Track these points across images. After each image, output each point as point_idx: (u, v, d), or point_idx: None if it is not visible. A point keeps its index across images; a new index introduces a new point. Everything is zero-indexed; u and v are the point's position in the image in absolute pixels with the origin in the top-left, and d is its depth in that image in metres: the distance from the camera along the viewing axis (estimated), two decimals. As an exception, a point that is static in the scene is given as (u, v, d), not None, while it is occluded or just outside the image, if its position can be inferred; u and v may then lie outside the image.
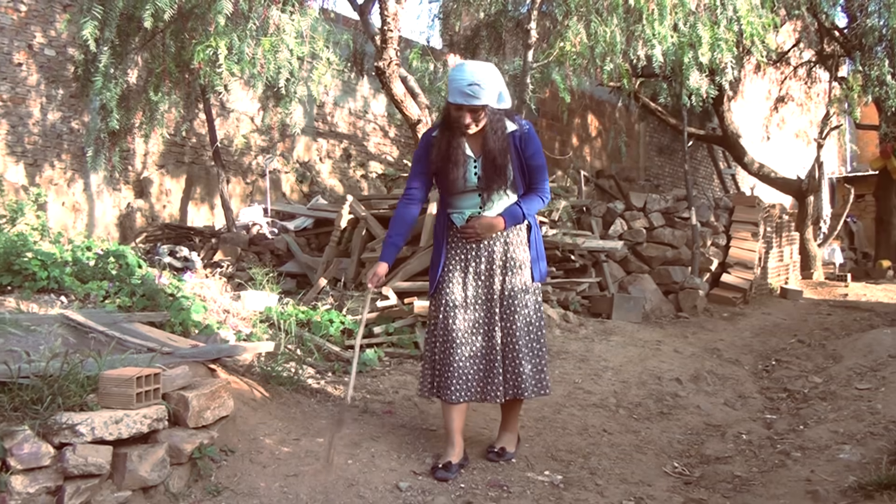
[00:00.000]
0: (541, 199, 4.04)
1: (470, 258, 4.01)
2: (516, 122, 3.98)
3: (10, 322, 4.45)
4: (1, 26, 9.64)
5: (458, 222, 4.03)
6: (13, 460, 3.00)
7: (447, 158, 3.92)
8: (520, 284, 3.98)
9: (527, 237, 4.08)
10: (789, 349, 7.75)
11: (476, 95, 3.70)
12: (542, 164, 4.01)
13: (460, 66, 3.83)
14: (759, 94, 19.15)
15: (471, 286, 4.00)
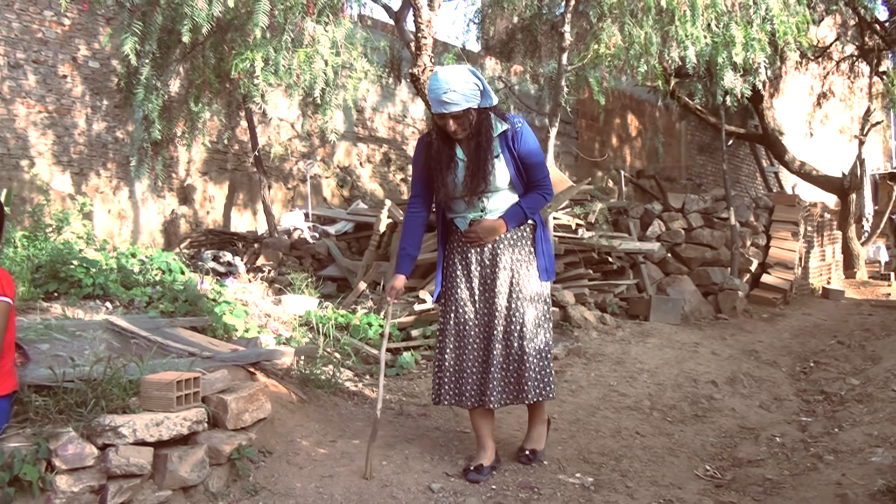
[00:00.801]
0: (542, 196, 3.96)
1: (475, 262, 3.97)
2: (508, 121, 3.92)
3: (56, 328, 4.63)
4: (46, 40, 9.90)
5: (461, 226, 4.00)
6: (58, 460, 3.13)
7: (436, 164, 3.91)
8: (526, 285, 3.91)
9: (532, 236, 4.01)
10: (828, 350, 7.70)
11: (454, 101, 3.67)
12: (538, 161, 3.94)
13: (434, 75, 3.79)
14: (801, 89, 18.92)
15: (477, 290, 3.96)
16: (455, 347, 3.97)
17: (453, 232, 4.06)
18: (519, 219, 3.91)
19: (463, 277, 3.99)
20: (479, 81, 3.80)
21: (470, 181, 3.83)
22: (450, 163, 3.88)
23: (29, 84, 9.78)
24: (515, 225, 3.92)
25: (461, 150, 3.89)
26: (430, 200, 4.12)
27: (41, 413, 3.34)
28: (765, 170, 19.71)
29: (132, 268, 6.33)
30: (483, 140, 3.81)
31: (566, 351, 6.70)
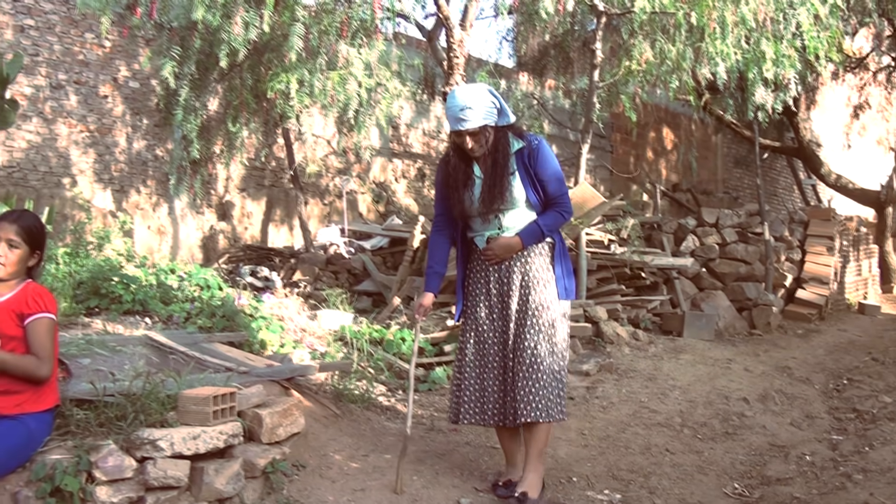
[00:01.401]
0: (560, 213, 3.93)
1: (492, 280, 3.95)
2: (525, 139, 3.93)
3: (97, 343, 4.77)
4: (87, 61, 10.17)
5: (479, 245, 3.98)
6: (98, 472, 3.23)
7: (453, 182, 3.93)
8: (543, 304, 3.86)
9: (550, 254, 3.98)
10: (862, 367, 7.65)
11: (469, 119, 3.71)
12: (556, 178, 3.94)
13: (451, 93, 3.83)
14: (838, 100, 18.75)
15: (495, 308, 3.94)
16: (475, 366, 3.97)
17: (473, 251, 4.06)
18: (536, 236, 3.90)
19: (482, 296, 3.99)
20: (497, 100, 3.83)
21: (486, 198, 3.84)
22: (466, 180, 3.90)
23: (70, 104, 10.04)
24: (532, 242, 3.90)
25: (478, 168, 3.91)
26: (453, 218, 4.12)
27: (82, 426, 3.46)
28: (802, 182, 19.55)
29: (171, 284, 6.48)
30: (500, 157, 3.83)
31: (598, 367, 6.73)
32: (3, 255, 3.16)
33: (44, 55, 9.75)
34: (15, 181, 9.46)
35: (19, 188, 9.27)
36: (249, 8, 6.23)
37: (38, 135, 9.76)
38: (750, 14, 7.29)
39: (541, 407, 3.78)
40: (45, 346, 3.18)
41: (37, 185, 9.72)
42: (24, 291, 3.23)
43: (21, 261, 3.25)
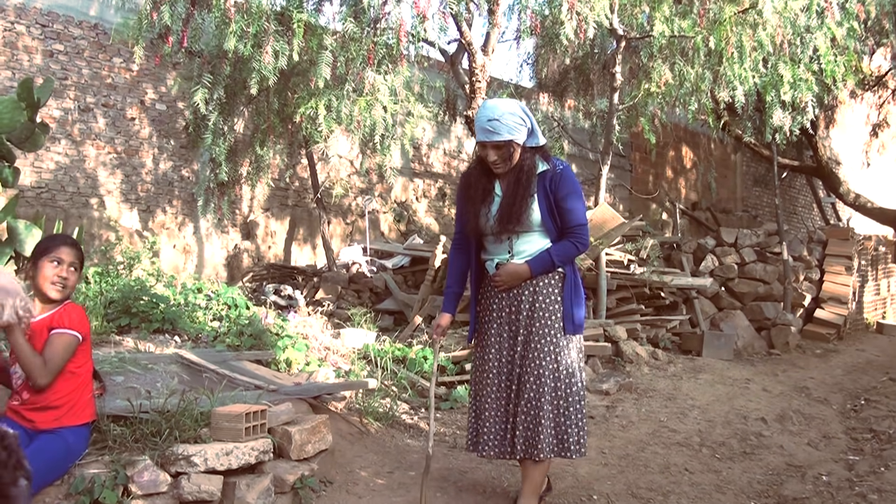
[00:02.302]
0: (574, 245, 3.77)
1: (502, 307, 3.85)
2: (550, 162, 3.80)
3: (129, 361, 4.92)
4: (115, 85, 10.38)
5: (489, 269, 3.89)
6: (134, 486, 3.37)
7: (473, 195, 3.85)
8: (548, 337, 3.74)
9: (560, 286, 3.82)
10: (880, 388, 7.69)
11: (496, 131, 3.61)
12: (576, 207, 3.78)
13: (484, 103, 3.75)
14: (857, 119, 18.75)
15: (502, 336, 3.84)
16: (481, 395, 3.90)
17: (486, 274, 3.95)
18: (546, 266, 3.75)
19: (491, 322, 3.89)
20: (528, 118, 3.74)
21: (502, 217, 3.73)
22: (486, 196, 3.80)
23: (98, 126, 10.25)
24: (541, 272, 3.76)
25: (499, 186, 3.81)
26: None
27: (118, 441, 3.59)
28: (821, 201, 19.56)
29: (199, 303, 6.63)
30: (524, 177, 3.72)
31: (617, 386, 6.82)
32: (68, 277, 3.33)
33: (72, 79, 9.96)
34: (44, 202, 9.66)
35: (48, 208, 9.47)
36: (280, 37, 6.41)
37: (66, 156, 9.96)
38: (767, 38, 7.41)
39: (554, 442, 3.73)
40: (55, 359, 3.25)
41: (65, 205, 9.92)
42: (63, 309, 3.38)
43: (76, 282, 3.43)
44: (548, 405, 3.71)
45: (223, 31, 6.73)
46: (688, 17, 7.72)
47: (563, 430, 3.74)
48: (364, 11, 6.63)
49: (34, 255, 3.41)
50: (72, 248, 3.40)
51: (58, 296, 3.35)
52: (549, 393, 3.72)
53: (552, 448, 3.72)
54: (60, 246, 3.38)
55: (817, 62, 8.23)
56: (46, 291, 3.33)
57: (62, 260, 3.35)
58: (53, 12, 9.82)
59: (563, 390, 3.75)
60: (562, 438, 3.74)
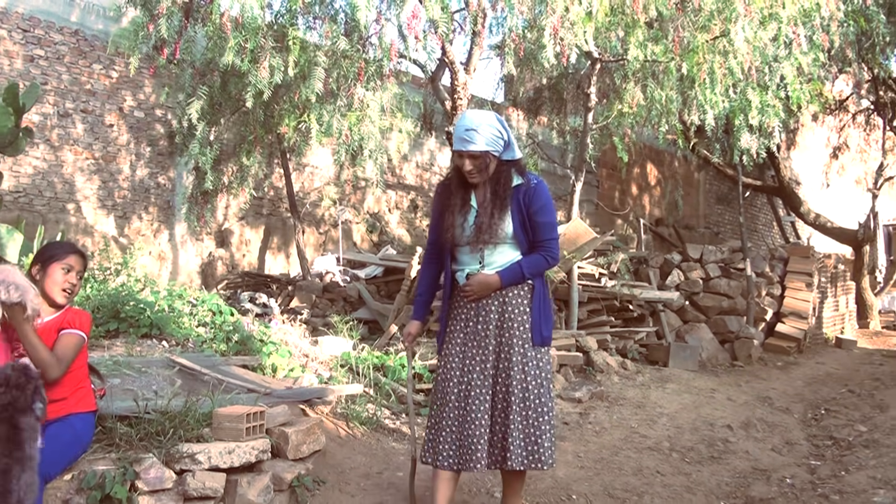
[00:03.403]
0: (545, 258, 3.80)
1: (470, 318, 3.83)
2: (525, 177, 3.82)
3: (124, 364, 5.07)
4: (94, 91, 10.47)
5: (459, 280, 3.87)
6: (141, 483, 3.54)
7: (448, 206, 3.86)
8: (516, 348, 3.75)
9: (529, 297, 3.83)
10: (839, 398, 8.03)
11: (473, 141, 3.62)
12: (548, 221, 3.81)
13: (462, 114, 3.79)
14: (818, 141, 19.31)
15: (469, 347, 3.81)
16: (439, 405, 3.84)
17: (457, 285, 3.92)
18: (516, 278, 3.76)
19: (459, 333, 3.86)
20: (505, 131, 3.75)
21: (478, 229, 3.74)
22: (462, 206, 3.80)
23: (77, 132, 10.33)
24: (511, 283, 3.77)
25: (475, 198, 3.80)
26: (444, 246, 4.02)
27: (125, 440, 3.75)
28: (781, 219, 20.06)
29: (183, 308, 6.76)
30: (500, 189, 3.74)
31: (589, 394, 7.08)
32: (76, 284, 3.48)
33: (52, 84, 10.04)
34: (21, 206, 9.71)
35: (25, 213, 9.51)
36: (276, 54, 6.60)
37: (44, 161, 10.03)
38: (737, 66, 7.74)
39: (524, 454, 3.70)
40: (67, 355, 3.40)
41: (42, 210, 9.97)
42: (66, 312, 3.53)
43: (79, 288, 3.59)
44: (517, 416, 3.69)
45: (217, 44, 6.92)
46: (660, 43, 8.02)
47: (532, 440, 3.71)
48: (355, 30, 6.86)
49: (43, 259, 3.54)
50: (80, 258, 3.56)
51: (64, 301, 3.50)
52: (519, 404, 3.70)
53: (522, 460, 3.69)
54: (71, 254, 3.53)
55: (784, 89, 8.60)
56: (54, 296, 3.48)
57: (72, 268, 3.50)
58: (35, 17, 9.89)
59: (531, 401, 3.73)
60: (532, 450, 3.71)
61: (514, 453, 3.67)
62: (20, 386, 2.99)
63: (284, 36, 6.72)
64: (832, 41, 8.83)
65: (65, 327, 3.44)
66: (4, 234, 6.43)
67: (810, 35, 8.34)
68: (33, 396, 3.02)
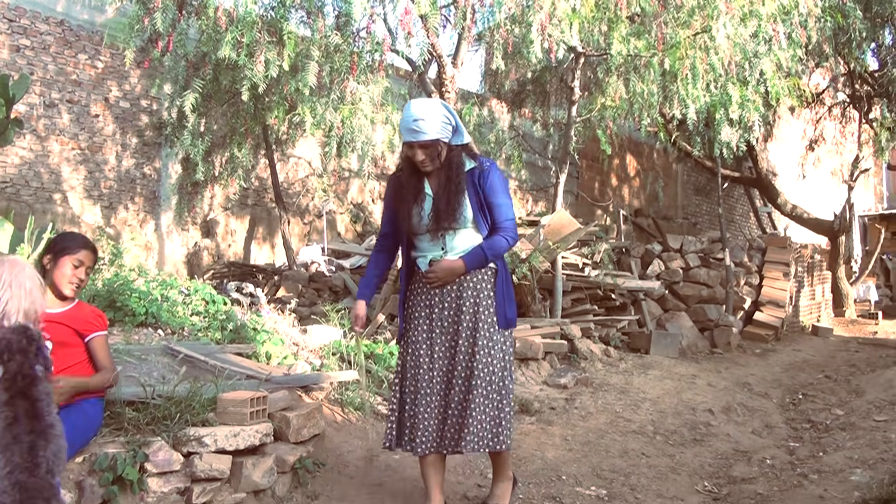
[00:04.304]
0: (505, 239, 3.83)
1: (434, 303, 3.85)
2: (477, 160, 3.88)
3: (124, 352, 5.18)
4: (80, 81, 10.53)
5: (422, 266, 3.89)
6: (150, 465, 3.66)
7: (399, 197, 3.88)
8: (482, 331, 3.78)
9: (493, 280, 3.88)
10: (816, 384, 8.28)
11: (422, 130, 3.64)
12: (504, 202, 3.85)
13: (407, 105, 3.77)
14: (794, 133, 19.57)
15: (435, 332, 3.84)
16: (410, 391, 3.87)
17: (416, 272, 3.96)
18: (479, 261, 3.80)
19: (421, 319, 3.89)
20: (452, 117, 3.77)
21: (436, 215, 3.78)
22: (417, 196, 3.82)
23: (63, 122, 10.39)
24: (475, 267, 3.80)
25: (429, 185, 3.84)
26: (398, 238, 4.05)
27: (133, 424, 3.88)
28: (758, 210, 20.34)
29: (177, 298, 6.87)
30: (453, 174, 3.76)
31: (574, 380, 7.27)
32: (84, 279, 3.57)
33: (38, 74, 10.09)
34: (7, 196, 9.76)
35: (12, 203, 9.56)
36: (271, 48, 6.72)
37: (31, 151, 10.08)
38: (718, 62, 7.94)
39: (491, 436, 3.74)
40: (108, 357, 3.59)
41: (29, 200, 10.03)
42: (79, 309, 3.62)
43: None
44: (481, 398, 3.71)
45: (211, 37, 7.04)
46: (643, 38, 8.20)
47: (496, 423, 3.75)
48: (348, 25, 6.99)
49: (55, 250, 3.63)
50: (92, 253, 3.63)
51: (72, 295, 3.59)
52: (484, 387, 3.72)
53: (486, 442, 3.72)
54: (83, 249, 3.60)
55: (763, 84, 8.82)
56: (62, 288, 3.57)
57: (82, 263, 3.57)
58: (21, 7, 9.93)
59: (495, 384, 3.76)
60: (496, 432, 3.75)
61: (478, 436, 3.68)
62: (23, 350, 3.02)
63: (279, 30, 6.85)
64: (810, 36, 9.06)
65: (86, 331, 3.54)
66: (-6, 225, 6.46)
67: (789, 32, 8.56)
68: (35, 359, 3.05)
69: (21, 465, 2.82)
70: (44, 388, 3.02)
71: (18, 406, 2.94)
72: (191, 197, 9.63)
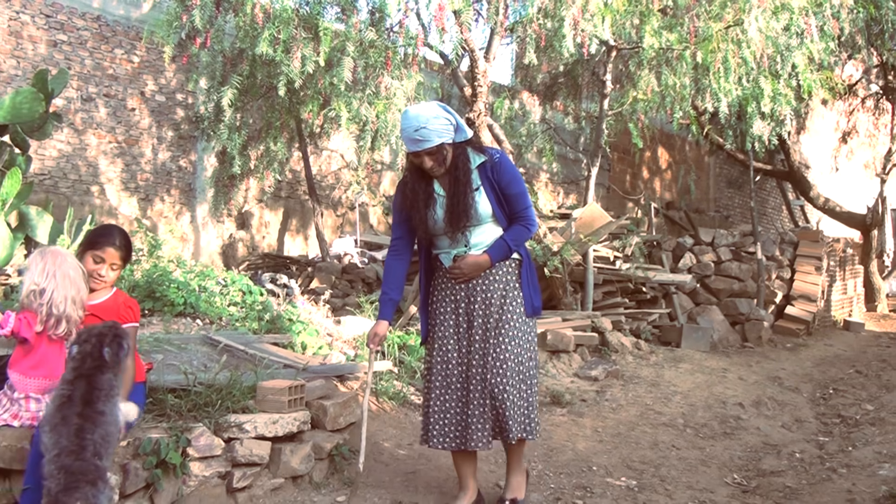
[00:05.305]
0: (525, 228, 3.84)
1: (459, 299, 3.84)
2: (486, 153, 3.86)
3: (164, 341, 5.31)
4: (116, 76, 10.72)
5: (445, 263, 3.87)
6: (192, 450, 3.78)
7: (414, 203, 3.83)
8: (511, 322, 3.79)
9: (518, 271, 3.90)
10: (847, 379, 8.26)
11: (426, 138, 3.62)
12: (520, 191, 3.84)
13: (404, 113, 3.74)
14: (827, 125, 19.43)
15: (462, 327, 3.84)
16: (440, 387, 3.87)
17: (438, 268, 3.94)
18: (503, 253, 3.80)
19: (449, 315, 3.87)
20: (451, 116, 3.72)
21: (451, 216, 3.75)
22: (428, 199, 3.80)
23: (100, 116, 10.58)
24: (500, 259, 3.81)
25: (439, 187, 3.82)
26: (412, 242, 4.02)
27: (175, 410, 4.00)
28: (791, 203, 20.20)
29: (214, 289, 7.01)
30: (461, 174, 3.74)
31: (605, 373, 7.32)
32: (105, 275, 3.64)
33: (75, 69, 10.27)
34: (46, 188, 9.96)
35: (50, 195, 9.75)
36: (307, 43, 6.84)
37: (69, 144, 10.28)
38: (750, 55, 7.94)
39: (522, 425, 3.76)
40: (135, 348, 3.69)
41: (67, 192, 10.23)
42: (115, 300, 3.71)
43: (116, 277, 3.75)
44: (513, 388, 3.72)
45: (248, 33, 7.18)
46: (674, 31, 8.22)
47: (528, 411, 3.80)
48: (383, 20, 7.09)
49: (84, 243, 3.71)
50: (116, 250, 3.66)
51: (96, 288, 3.67)
52: (515, 377, 3.74)
53: (520, 430, 3.75)
54: (108, 247, 3.64)
55: (795, 78, 8.80)
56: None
57: (104, 259, 3.63)
58: (58, 3, 10.12)
59: (524, 373, 3.80)
60: (528, 419, 3.80)
61: (514, 424, 3.71)
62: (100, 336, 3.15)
63: (314, 26, 6.96)
64: (842, 28, 9.02)
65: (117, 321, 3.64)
66: (35, 216, 6.63)
67: (821, 24, 8.53)
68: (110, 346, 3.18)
69: (68, 447, 2.94)
70: (108, 378, 3.15)
71: (77, 387, 3.08)
72: (227, 189, 9.78)
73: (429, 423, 3.92)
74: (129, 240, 3.81)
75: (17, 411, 3.33)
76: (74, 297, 3.39)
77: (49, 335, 3.34)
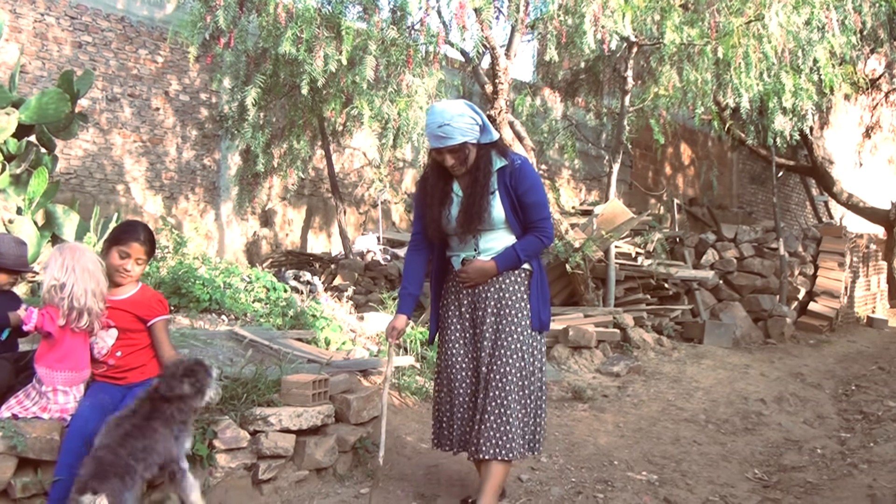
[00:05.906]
0: (539, 239, 3.74)
1: (465, 304, 3.80)
2: (508, 157, 3.75)
3: (190, 336, 5.40)
4: (140, 76, 10.83)
5: (455, 265, 3.83)
6: (218, 442, 3.85)
7: (430, 200, 3.80)
8: (514, 333, 3.68)
9: (527, 282, 3.80)
10: (869, 375, 8.23)
11: (449, 136, 3.55)
12: (538, 200, 3.73)
13: (431, 109, 3.69)
14: (851, 120, 19.26)
15: (468, 333, 3.79)
16: (446, 392, 3.84)
17: (449, 270, 3.89)
18: (512, 262, 3.71)
19: (454, 318, 3.83)
20: (478, 116, 3.66)
21: (464, 217, 3.68)
22: (444, 198, 3.75)
23: (125, 116, 10.70)
24: (508, 268, 3.72)
25: (458, 187, 3.76)
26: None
27: (201, 404, 4.07)
28: (814, 199, 20.05)
29: (239, 285, 7.09)
30: (481, 175, 3.66)
31: (627, 369, 7.35)
32: (131, 269, 3.69)
33: (100, 69, 10.39)
34: (72, 187, 10.08)
35: (76, 194, 9.86)
36: (330, 42, 6.91)
37: (94, 144, 10.40)
38: (771, 50, 7.92)
39: (500, 444, 3.60)
40: (169, 341, 3.75)
41: (92, 191, 10.36)
42: (143, 294, 3.76)
43: (141, 272, 3.81)
44: (515, 404, 3.64)
45: (271, 33, 7.26)
46: (695, 26, 8.22)
47: (530, 428, 3.73)
48: (404, 18, 7.16)
49: (109, 239, 3.77)
50: (141, 245, 3.71)
51: (121, 283, 3.73)
52: (517, 392, 3.66)
53: (521, 448, 3.66)
54: (133, 242, 3.68)
55: (817, 72, 8.77)
56: (111, 277, 3.73)
57: (129, 255, 3.68)
58: (82, 5, 10.23)
59: (528, 388, 3.71)
60: (531, 438, 3.74)
61: (515, 442, 3.60)
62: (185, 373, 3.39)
63: (336, 25, 7.04)
64: (864, 22, 8.97)
65: (148, 316, 3.70)
66: (61, 215, 6.73)
67: (843, 18, 8.50)
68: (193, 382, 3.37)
69: (108, 444, 3.07)
70: (175, 411, 3.29)
71: (144, 405, 3.26)
72: (251, 187, 9.88)
73: (436, 425, 3.95)
74: (153, 235, 3.85)
75: (46, 404, 3.41)
76: (94, 290, 3.45)
77: (72, 328, 3.41)
